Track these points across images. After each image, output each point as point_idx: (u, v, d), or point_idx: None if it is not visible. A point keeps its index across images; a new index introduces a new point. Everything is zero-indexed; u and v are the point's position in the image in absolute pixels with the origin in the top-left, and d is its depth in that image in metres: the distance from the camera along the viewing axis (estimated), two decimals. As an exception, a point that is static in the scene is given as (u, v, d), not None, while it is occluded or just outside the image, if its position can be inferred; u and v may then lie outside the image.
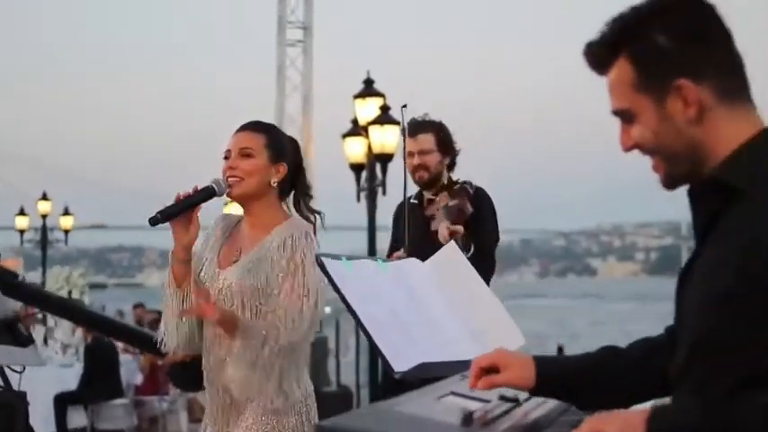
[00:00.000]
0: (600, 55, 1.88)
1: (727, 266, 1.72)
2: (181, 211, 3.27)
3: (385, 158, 11.62)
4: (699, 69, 1.79)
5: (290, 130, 14.24)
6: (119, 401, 11.43)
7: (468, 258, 4.36)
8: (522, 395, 2.25)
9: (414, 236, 4.60)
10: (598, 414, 1.88)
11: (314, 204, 3.58)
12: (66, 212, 29.93)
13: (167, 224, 3.26)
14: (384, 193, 11.92)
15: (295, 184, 3.51)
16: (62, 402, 11.21)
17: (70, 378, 11.60)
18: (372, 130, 11.89)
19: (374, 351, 2.64)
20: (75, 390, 11.40)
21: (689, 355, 1.83)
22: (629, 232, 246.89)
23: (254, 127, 3.40)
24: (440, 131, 4.87)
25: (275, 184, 3.37)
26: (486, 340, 2.93)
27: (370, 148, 12.03)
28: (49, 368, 11.85)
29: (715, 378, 1.76)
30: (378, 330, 2.63)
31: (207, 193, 3.29)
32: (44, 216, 28.82)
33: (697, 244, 1.88)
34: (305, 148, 14.02)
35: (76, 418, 11.40)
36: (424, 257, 3.44)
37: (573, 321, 56.27)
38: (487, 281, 4.62)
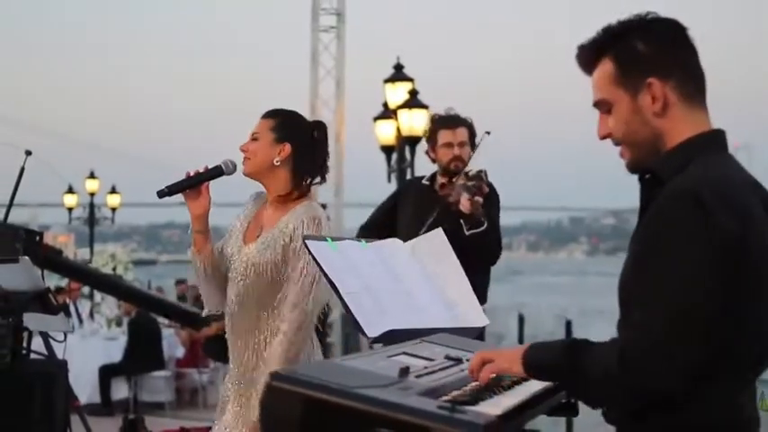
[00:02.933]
0: (588, 55, 2.28)
1: (640, 236, 2.13)
2: (187, 186, 3.64)
3: (413, 141, 11.96)
4: (667, 71, 2.19)
5: (323, 113, 14.59)
6: (160, 374, 11.88)
7: (481, 232, 4.82)
8: (466, 356, 2.64)
9: (422, 214, 5.02)
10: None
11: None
12: (113, 191, 30.57)
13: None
14: (413, 173, 12.28)
15: (295, 163, 3.77)
16: (106, 374, 11.68)
17: (115, 351, 12.06)
18: (401, 113, 12.24)
19: (351, 319, 3.04)
20: (119, 362, 11.86)
21: (619, 303, 2.23)
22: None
23: (267, 114, 3.74)
24: (471, 127, 5.25)
25: (278, 163, 3.68)
26: (456, 313, 3.34)
27: (399, 130, 12.41)
28: (95, 341, 12.40)
29: (623, 325, 2.16)
30: (354, 301, 3.03)
31: (214, 172, 3.67)
32: (92, 194, 29.49)
33: (639, 219, 2.27)
34: (338, 131, 14.41)
35: (121, 389, 11.85)
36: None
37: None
38: (491, 261, 5.06)
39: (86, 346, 12.08)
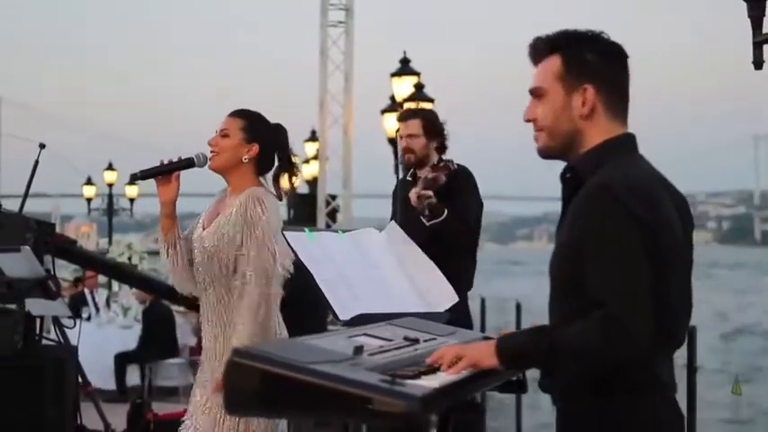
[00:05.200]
0: (542, 48, 2.54)
1: (566, 228, 2.41)
2: (158, 173, 3.92)
3: (419, 133, 12.18)
4: (600, 82, 2.48)
5: (332, 106, 14.83)
6: (174, 361, 12.11)
7: (441, 222, 5.04)
8: (423, 337, 2.87)
9: (402, 209, 5.26)
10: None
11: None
12: (131, 182, 30.93)
13: None
14: (419, 166, 12.54)
15: (278, 162, 4.08)
16: (122, 361, 11.95)
17: (130, 339, 12.34)
18: (408, 106, 12.47)
19: (325, 303, 3.28)
20: (134, 349, 12.14)
21: (550, 293, 2.49)
22: (700, 201, 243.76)
23: (236, 113, 4.03)
24: (426, 118, 5.45)
25: (246, 161, 3.96)
26: (426, 298, 3.57)
27: (405, 123, 12.63)
28: (110, 329, 12.69)
29: (561, 308, 2.44)
30: (328, 287, 3.27)
31: (186, 163, 3.95)
32: (110, 185, 29.90)
33: (561, 212, 2.52)
34: (346, 124, 14.67)
35: (136, 376, 12.12)
36: (406, 228, 4.07)
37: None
38: (468, 247, 5.27)
39: (103, 334, 12.37)
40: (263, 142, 3.99)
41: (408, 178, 5.50)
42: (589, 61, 2.47)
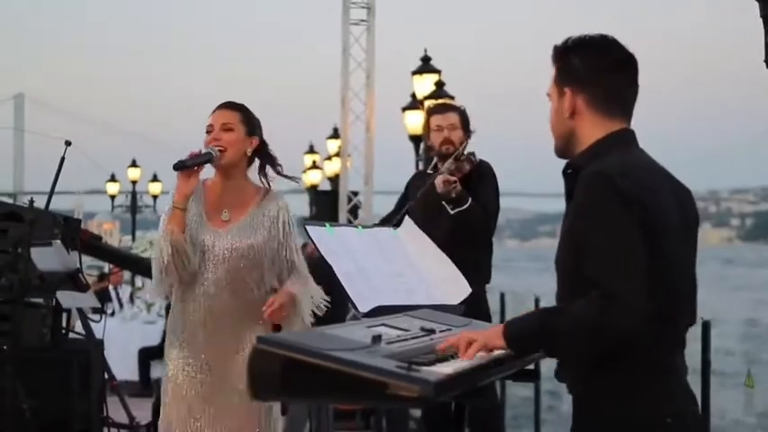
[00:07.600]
0: (553, 55, 2.71)
1: (568, 218, 2.55)
2: (197, 164, 3.84)
3: (440, 130, 12.30)
4: (581, 86, 2.63)
5: (354, 104, 14.95)
6: (196, 355, 12.27)
7: (465, 210, 5.14)
8: (440, 328, 2.97)
9: (423, 200, 5.36)
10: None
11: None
12: (154, 179, 31.23)
13: None
14: (439, 162, 12.64)
15: (261, 156, 4.05)
16: (145, 356, 12.09)
17: (154, 334, 12.48)
18: (428, 103, 12.57)
19: (345, 295, 3.39)
20: (157, 345, 12.28)
21: (557, 278, 2.61)
22: (723, 198, 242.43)
23: (231, 105, 3.98)
24: (462, 113, 5.56)
25: (249, 154, 3.97)
26: (441, 290, 3.69)
27: (426, 120, 12.77)
28: (134, 324, 12.85)
29: (563, 292, 2.56)
30: (347, 280, 3.39)
31: (207, 158, 3.87)
32: (134, 182, 30.18)
33: (566, 206, 2.64)
34: (368, 121, 14.79)
35: (160, 371, 12.25)
36: (430, 218, 4.14)
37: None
38: (485, 235, 5.36)
39: (126, 329, 12.53)
40: (260, 135, 3.99)
41: (429, 171, 5.59)
42: (574, 67, 2.63)
